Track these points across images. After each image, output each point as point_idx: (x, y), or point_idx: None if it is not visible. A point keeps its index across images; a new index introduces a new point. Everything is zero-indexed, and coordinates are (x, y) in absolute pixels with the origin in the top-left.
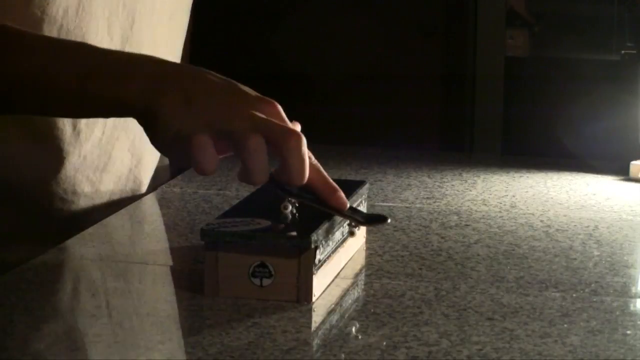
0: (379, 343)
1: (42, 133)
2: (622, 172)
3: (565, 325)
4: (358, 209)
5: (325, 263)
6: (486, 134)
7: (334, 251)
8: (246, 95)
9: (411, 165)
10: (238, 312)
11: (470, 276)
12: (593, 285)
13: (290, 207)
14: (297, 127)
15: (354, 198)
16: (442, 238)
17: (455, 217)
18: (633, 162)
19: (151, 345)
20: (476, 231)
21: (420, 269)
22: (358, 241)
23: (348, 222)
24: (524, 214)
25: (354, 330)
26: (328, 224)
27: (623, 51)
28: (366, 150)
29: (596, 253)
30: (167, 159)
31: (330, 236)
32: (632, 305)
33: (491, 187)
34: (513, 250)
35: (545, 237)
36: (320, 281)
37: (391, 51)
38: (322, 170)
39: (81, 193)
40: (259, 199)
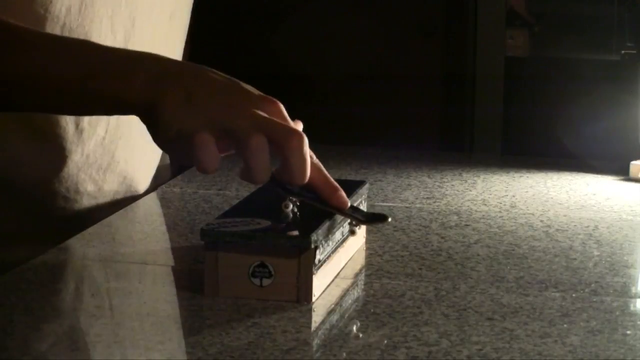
0: (379, 343)
1: (45, 131)
2: (622, 172)
3: (565, 325)
4: (359, 208)
5: (325, 263)
6: (486, 134)
7: (334, 251)
8: (248, 93)
9: (411, 165)
10: (238, 312)
11: (470, 276)
12: (593, 285)
13: (291, 206)
14: (299, 126)
15: (354, 198)
16: (442, 238)
17: (455, 217)
18: (633, 162)
19: (151, 345)
20: (476, 231)
21: (420, 269)
22: (358, 241)
23: (349, 221)
24: (524, 214)
25: (355, 329)
26: (328, 224)
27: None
28: (366, 150)
29: (596, 253)
30: (168, 158)
31: (330, 236)
32: (632, 305)
33: (491, 187)
34: (513, 250)
35: (545, 237)
36: (320, 281)
37: (391, 51)
38: (323, 169)
39: (84, 192)
40: (259, 199)
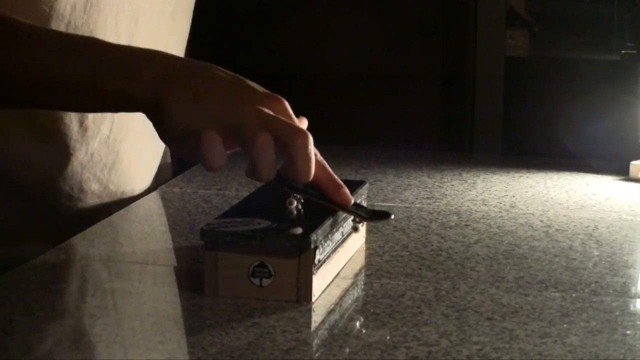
0: (379, 343)
1: (48, 129)
2: (622, 172)
3: (565, 325)
4: (362, 205)
5: (325, 263)
6: (486, 134)
7: (334, 251)
8: (254, 91)
9: (411, 165)
10: (238, 312)
11: (470, 276)
12: (593, 285)
13: (295, 203)
14: (304, 123)
15: (354, 198)
16: (442, 238)
17: (455, 217)
18: (633, 162)
19: (151, 345)
20: (476, 231)
21: (420, 269)
22: (358, 241)
23: (351, 219)
24: (524, 214)
25: (358, 324)
26: (328, 224)
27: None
28: (366, 150)
29: (596, 253)
30: (169, 157)
31: (330, 236)
32: (632, 305)
33: (491, 187)
34: (513, 250)
35: (545, 237)
36: (320, 281)
37: (391, 51)
38: (327, 166)
39: (88, 191)
40: (259, 199)
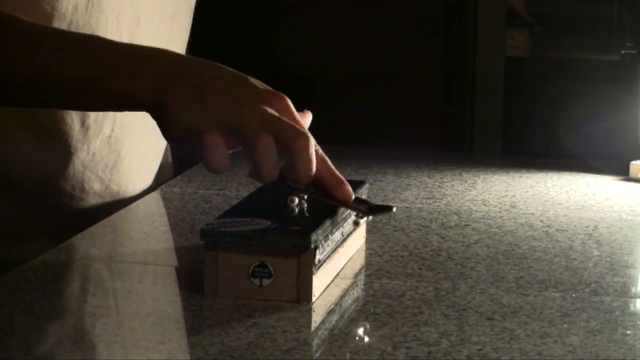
0: (379, 343)
1: (49, 129)
2: (622, 172)
3: (565, 325)
4: (364, 200)
5: (325, 263)
6: (486, 134)
7: (334, 251)
8: (255, 89)
9: (411, 165)
10: (238, 312)
11: (470, 276)
12: (593, 285)
13: (296, 201)
14: (308, 117)
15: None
16: (442, 238)
17: (455, 217)
18: (633, 162)
19: (151, 345)
20: (476, 231)
21: (420, 269)
22: (358, 241)
23: (354, 214)
24: (524, 214)
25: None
26: (328, 224)
27: (623, 51)
28: (366, 150)
29: (596, 253)
30: (170, 157)
31: (330, 236)
32: (632, 305)
33: (491, 187)
34: (513, 250)
35: (545, 237)
36: (320, 281)
37: (391, 51)
38: (329, 162)
39: (90, 190)
40: (259, 199)
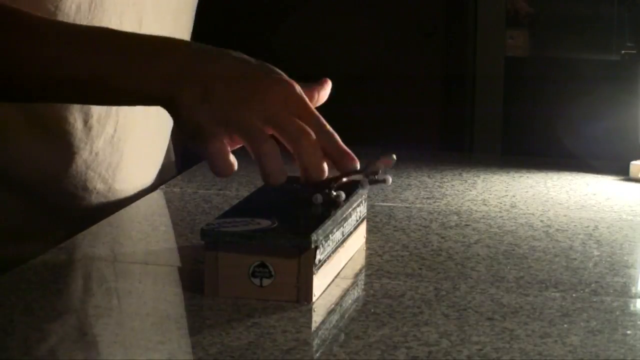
0: (379, 343)
1: (52, 129)
2: (622, 172)
3: (565, 325)
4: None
5: (325, 263)
6: (486, 134)
7: (334, 251)
8: (262, 82)
9: (411, 165)
10: (238, 312)
11: (470, 276)
12: (593, 285)
13: (320, 199)
14: (326, 88)
15: (354, 198)
16: (442, 238)
17: (455, 217)
18: (633, 162)
19: (151, 345)
20: (476, 231)
21: (420, 269)
22: (358, 241)
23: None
24: (524, 214)
25: (359, 324)
26: (328, 224)
27: (623, 51)
28: (366, 150)
29: (596, 253)
30: (173, 156)
31: (330, 236)
32: (632, 305)
33: (491, 187)
34: (513, 250)
35: (545, 237)
36: (320, 281)
37: (391, 51)
38: (336, 138)
39: (93, 190)
40: (259, 199)
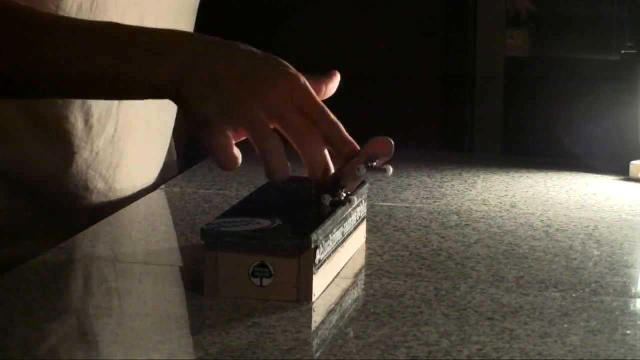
0: (379, 343)
1: (53, 128)
2: (622, 172)
3: (565, 325)
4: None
5: (325, 263)
6: (486, 134)
7: (334, 251)
8: (267, 76)
9: (411, 165)
10: (238, 312)
11: (470, 276)
12: (593, 285)
13: (328, 199)
14: (334, 81)
15: (354, 198)
16: (442, 238)
17: (455, 217)
18: (633, 162)
19: (151, 345)
20: (476, 231)
21: (420, 269)
22: (358, 241)
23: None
24: (524, 214)
25: (359, 324)
26: (329, 224)
27: (623, 51)
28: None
29: (596, 253)
30: (175, 154)
31: (330, 236)
32: (632, 305)
33: (491, 187)
34: (513, 250)
35: (545, 237)
36: (320, 281)
37: (391, 51)
38: (340, 128)
39: (94, 189)
40: (259, 199)
